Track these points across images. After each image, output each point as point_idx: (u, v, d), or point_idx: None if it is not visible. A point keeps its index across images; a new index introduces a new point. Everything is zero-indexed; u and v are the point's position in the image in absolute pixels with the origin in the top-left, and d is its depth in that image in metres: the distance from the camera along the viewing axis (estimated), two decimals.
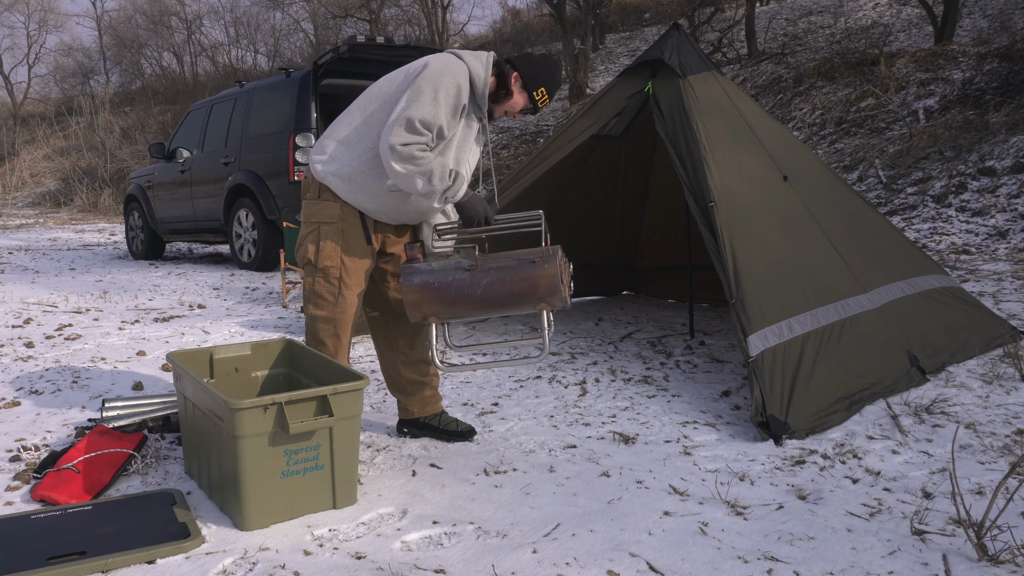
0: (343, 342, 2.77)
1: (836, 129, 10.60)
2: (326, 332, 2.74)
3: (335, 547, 2.14)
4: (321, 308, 2.73)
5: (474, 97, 2.65)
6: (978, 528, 2.05)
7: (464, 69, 2.61)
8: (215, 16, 41.25)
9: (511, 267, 2.55)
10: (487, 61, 2.66)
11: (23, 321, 5.39)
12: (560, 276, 2.55)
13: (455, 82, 2.56)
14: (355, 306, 2.75)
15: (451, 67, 2.58)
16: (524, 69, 2.67)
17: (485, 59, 2.67)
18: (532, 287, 2.54)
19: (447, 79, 2.54)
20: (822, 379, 3.13)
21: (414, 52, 7.57)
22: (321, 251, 2.68)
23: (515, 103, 2.70)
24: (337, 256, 2.68)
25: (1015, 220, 7.29)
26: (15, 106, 30.59)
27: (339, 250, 2.68)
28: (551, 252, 2.55)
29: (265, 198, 7.66)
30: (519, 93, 2.69)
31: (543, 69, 2.67)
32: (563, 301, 2.57)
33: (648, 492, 2.48)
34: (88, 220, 17.51)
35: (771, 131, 4.07)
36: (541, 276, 2.53)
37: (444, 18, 24.80)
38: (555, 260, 2.53)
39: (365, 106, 2.68)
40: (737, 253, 3.30)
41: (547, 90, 2.67)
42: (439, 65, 2.57)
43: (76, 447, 2.61)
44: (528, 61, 2.69)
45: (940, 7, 12.33)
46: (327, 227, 2.69)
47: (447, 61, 2.60)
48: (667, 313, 5.44)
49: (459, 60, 2.63)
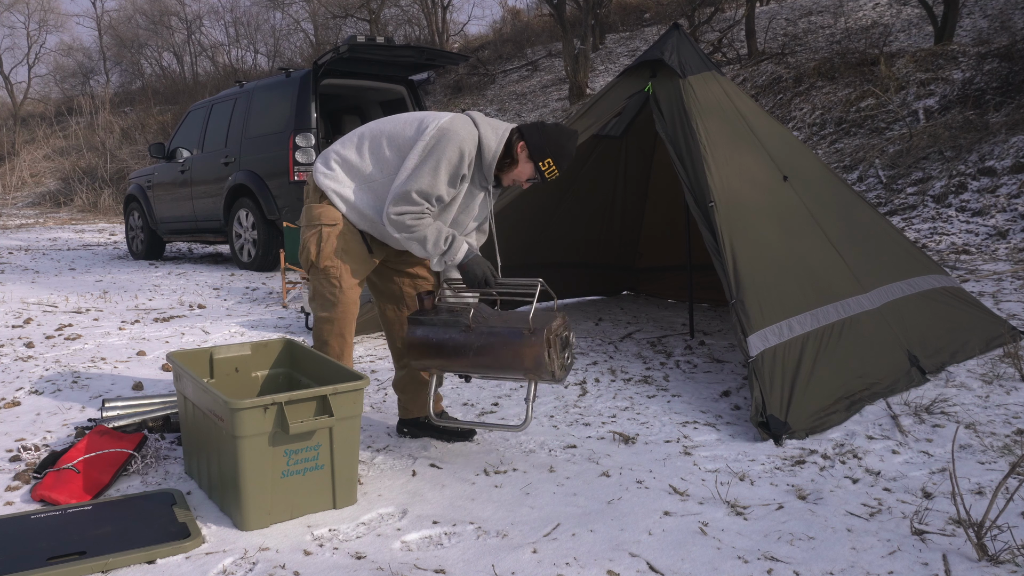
0: (348, 341, 2.79)
1: (836, 129, 10.60)
2: (329, 332, 2.77)
3: (335, 547, 2.14)
4: (324, 309, 2.76)
5: (481, 165, 2.66)
6: (978, 528, 2.05)
7: (474, 137, 2.61)
8: (215, 16, 41.27)
9: (502, 334, 2.54)
10: (503, 133, 2.65)
11: (23, 321, 5.39)
12: (547, 351, 2.46)
13: (459, 151, 2.57)
14: (356, 305, 2.77)
15: (459, 134, 2.58)
16: (532, 139, 2.64)
17: (502, 131, 2.66)
18: (518, 358, 2.50)
19: (451, 149, 2.56)
20: (822, 379, 3.13)
21: (414, 52, 7.57)
22: (322, 252, 2.72)
23: (521, 172, 2.68)
24: (337, 257, 2.72)
25: (1015, 220, 7.29)
26: (15, 106, 30.59)
27: (339, 251, 2.72)
28: (543, 324, 2.48)
29: (265, 198, 7.66)
30: (525, 162, 2.66)
31: (552, 139, 2.63)
32: (549, 375, 2.49)
33: (648, 492, 2.48)
34: (88, 220, 17.51)
35: (771, 131, 4.07)
36: (527, 349, 2.48)
37: (444, 18, 24.80)
38: (542, 335, 2.45)
39: (379, 145, 2.71)
40: (737, 253, 3.30)
41: (554, 161, 2.63)
42: (448, 131, 2.58)
43: (76, 447, 2.61)
44: (537, 131, 2.66)
45: (940, 7, 12.33)
46: (328, 229, 2.72)
47: (459, 127, 2.60)
48: (667, 313, 5.44)
49: (472, 127, 2.63)
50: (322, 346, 2.79)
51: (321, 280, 2.74)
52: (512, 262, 5.19)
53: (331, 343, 2.77)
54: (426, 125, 2.65)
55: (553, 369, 2.48)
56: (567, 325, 2.60)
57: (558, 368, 2.51)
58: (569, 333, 2.60)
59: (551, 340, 2.48)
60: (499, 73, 20.96)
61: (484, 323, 2.58)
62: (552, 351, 2.48)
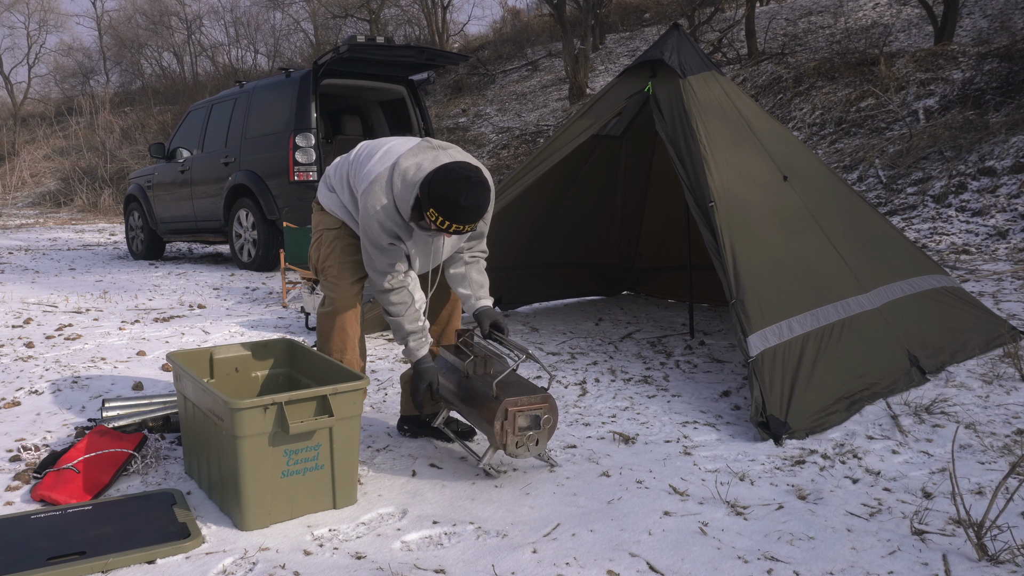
0: (350, 335, 2.82)
1: (836, 129, 10.60)
2: (330, 328, 2.82)
3: (335, 547, 2.14)
4: (323, 305, 2.85)
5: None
6: (978, 528, 2.05)
7: (384, 207, 2.51)
8: (215, 16, 41.29)
9: (479, 391, 2.58)
10: (413, 185, 2.48)
11: (23, 321, 5.39)
12: (500, 422, 2.43)
13: (376, 227, 2.52)
14: (356, 300, 2.82)
15: (372, 209, 2.51)
16: (422, 191, 2.44)
17: (413, 185, 2.48)
18: (482, 418, 2.53)
19: (370, 228, 2.54)
20: (822, 379, 3.13)
21: (414, 52, 7.57)
22: (321, 254, 2.84)
23: (428, 221, 2.47)
24: (335, 256, 2.80)
25: (1015, 220, 7.29)
26: (15, 106, 30.59)
27: (336, 251, 2.80)
28: (510, 395, 2.45)
29: (265, 198, 7.66)
30: (425, 215, 2.46)
31: (437, 189, 2.38)
32: (500, 446, 2.46)
33: (648, 492, 2.48)
34: (88, 220, 17.51)
35: (771, 131, 4.07)
36: (486, 412, 2.50)
37: (444, 18, 24.80)
38: (501, 404, 2.43)
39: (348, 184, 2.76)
40: (737, 253, 3.30)
41: (438, 212, 2.38)
42: (364, 208, 2.54)
43: (76, 447, 2.61)
44: (427, 182, 2.42)
45: (940, 7, 12.33)
46: (328, 233, 2.83)
47: (371, 199, 2.51)
48: (667, 313, 5.44)
49: (386, 185, 2.52)
50: (324, 342, 2.84)
51: (323, 281, 2.85)
52: (512, 262, 5.19)
53: (333, 338, 2.82)
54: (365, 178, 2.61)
55: (504, 442, 2.45)
56: (549, 408, 2.49)
57: (511, 443, 2.45)
58: (547, 416, 2.48)
59: (508, 413, 2.43)
60: (499, 73, 20.97)
61: (481, 377, 2.64)
62: (506, 424, 2.43)
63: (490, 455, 2.56)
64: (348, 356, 2.83)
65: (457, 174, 2.39)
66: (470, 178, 2.39)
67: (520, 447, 2.47)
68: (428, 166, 2.50)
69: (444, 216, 2.38)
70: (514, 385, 2.55)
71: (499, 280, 5.24)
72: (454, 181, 2.38)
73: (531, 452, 2.50)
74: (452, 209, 2.37)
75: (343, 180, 2.78)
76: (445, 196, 2.37)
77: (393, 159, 2.57)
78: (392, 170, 2.54)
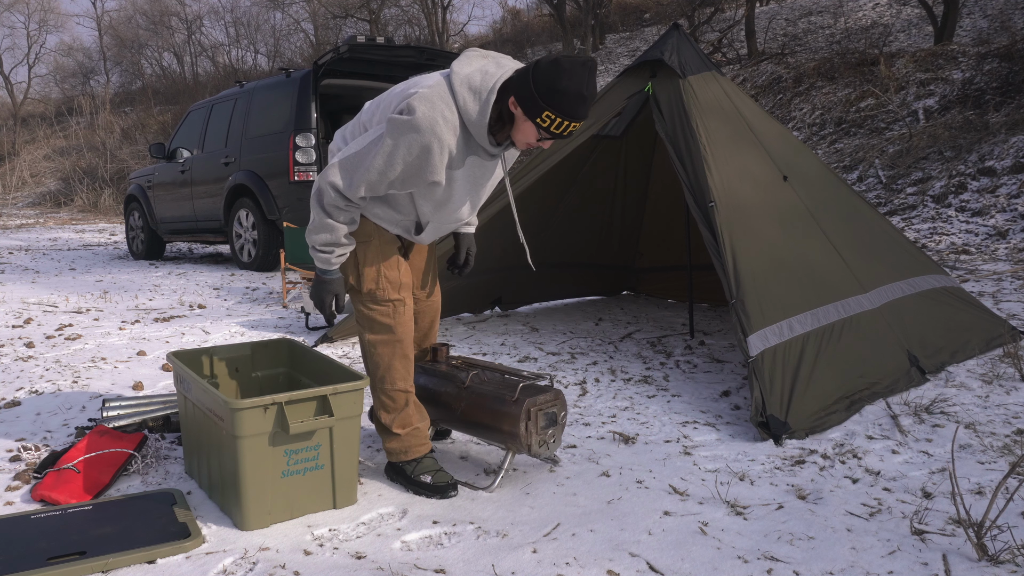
0: (409, 360, 2.48)
1: (836, 129, 10.60)
2: (392, 355, 2.45)
3: (335, 547, 2.14)
4: (377, 332, 2.45)
5: (469, 138, 2.19)
6: (978, 528, 2.05)
7: (445, 123, 2.11)
8: (215, 16, 41.30)
9: (488, 396, 2.52)
10: (487, 94, 2.10)
11: (23, 321, 5.39)
12: (524, 423, 2.41)
13: (434, 142, 2.11)
14: (411, 320, 2.48)
15: (432, 123, 2.10)
16: (521, 91, 2.06)
17: (487, 90, 2.11)
18: (497, 423, 2.49)
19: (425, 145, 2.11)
20: (822, 379, 3.14)
21: (414, 52, 7.58)
22: (361, 276, 2.43)
23: (523, 133, 2.13)
24: (379, 276, 2.42)
25: (1015, 220, 7.29)
26: (15, 106, 30.60)
27: (378, 269, 2.42)
28: (528, 396, 2.44)
29: (265, 198, 7.67)
30: (524, 121, 2.10)
31: (547, 82, 2.02)
32: (525, 448, 2.44)
33: (648, 492, 2.48)
34: (88, 220, 17.51)
35: (771, 131, 4.07)
36: (506, 416, 2.45)
37: (444, 18, 24.80)
38: (523, 405, 2.41)
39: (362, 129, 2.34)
40: (737, 253, 3.30)
41: (555, 112, 2.03)
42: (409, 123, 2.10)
43: (76, 447, 2.61)
44: (526, 77, 2.05)
45: (940, 7, 12.33)
46: (361, 247, 2.41)
47: (422, 116, 2.09)
48: (667, 313, 5.44)
49: (444, 101, 2.11)
50: (386, 373, 2.45)
51: (367, 303, 2.44)
52: (512, 262, 5.19)
53: (395, 367, 2.45)
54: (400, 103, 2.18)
55: (529, 443, 2.44)
56: (561, 404, 2.50)
57: (535, 443, 2.44)
58: (560, 412, 2.49)
59: (531, 413, 2.43)
60: None
61: (480, 385, 2.59)
62: (530, 424, 2.43)
63: (509, 460, 2.54)
64: (411, 383, 2.49)
65: (570, 62, 2.00)
66: (585, 62, 2.01)
67: (541, 445, 2.46)
68: (496, 71, 2.11)
69: (565, 114, 2.03)
70: (523, 389, 2.53)
71: (499, 280, 5.24)
72: (571, 68, 1.99)
73: (551, 450, 2.49)
74: (574, 101, 2.01)
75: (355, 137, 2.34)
76: (565, 89, 1.99)
77: (437, 75, 2.15)
78: (449, 80, 2.12)
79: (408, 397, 2.50)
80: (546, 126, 2.07)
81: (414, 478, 2.49)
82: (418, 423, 2.52)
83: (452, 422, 2.65)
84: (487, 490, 2.49)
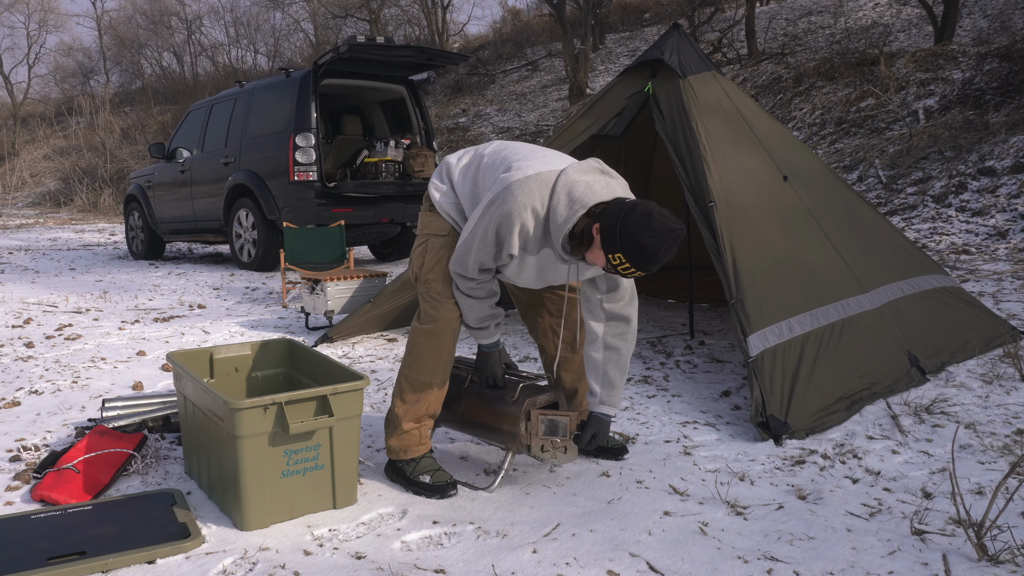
0: (445, 358, 2.52)
1: (836, 129, 10.60)
2: (425, 347, 2.51)
3: (335, 547, 2.14)
4: (420, 320, 2.54)
5: (548, 237, 2.29)
6: (978, 528, 2.05)
7: (530, 209, 2.24)
8: (215, 16, 41.31)
9: (489, 397, 2.53)
10: (578, 208, 2.19)
11: (23, 321, 5.39)
12: (523, 423, 2.41)
13: (516, 223, 2.25)
14: (458, 318, 2.53)
15: (513, 204, 2.24)
16: (606, 223, 2.14)
17: (579, 204, 2.20)
18: (497, 422, 2.49)
19: (497, 222, 2.27)
20: (822, 379, 3.13)
21: (414, 52, 7.58)
22: (426, 263, 2.52)
23: (595, 257, 2.22)
24: (440, 268, 2.49)
25: (1015, 220, 7.29)
26: (15, 106, 30.60)
27: (442, 264, 2.49)
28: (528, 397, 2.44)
29: (265, 198, 7.67)
30: (597, 248, 2.19)
31: (630, 230, 2.09)
32: (525, 448, 2.44)
33: (648, 492, 2.48)
34: (88, 220, 17.51)
35: (771, 131, 4.07)
36: (505, 415, 2.47)
37: (444, 18, 24.81)
38: (522, 406, 2.42)
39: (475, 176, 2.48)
40: (737, 253, 3.30)
41: (625, 258, 2.12)
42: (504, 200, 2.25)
43: (76, 447, 2.61)
44: (616, 215, 2.13)
45: (940, 7, 12.33)
46: (436, 240, 2.50)
47: (519, 195, 2.24)
48: (667, 313, 5.44)
49: (542, 191, 2.24)
50: (415, 361, 2.52)
51: (424, 293, 2.53)
52: None
53: (426, 358, 2.51)
54: (498, 175, 2.35)
55: (528, 443, 2.43)
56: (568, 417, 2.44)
57: (535, 446, 2.42)
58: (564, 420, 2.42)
59: (530, 415, 2.42)
60: (499, 73, 20.97)
61: (479, 385, 2.60)
62: (529, 426, 2.42)
63: (509, 460, 2.53)
64: (439, 379, 2.51)
65: (661, 224, 2.09)
66: (675, 231, 2.10)
67: (544, 451, 2.44)
68: (602, 192, 2.21)
69: (635, 264, 2.12)
70: (524, 389, 2.52)
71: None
72: (660, 231, 2.08)
73: (553, 456, 2.45)
74: (648, 259, 2.10)
75: (468, 171, 2.48)
76: (645, 245, 2.08)
77: (557, 166, 2.29)
78: (558, 178, 2.25)
79: (429, 391, 2.51)
80: (615, 264, 2.16)
81: (413, 478, 2.50)
82: (426, 420, 2.55)
83: (452, 422, 2.65)
84: (487, 490, 2.49)
